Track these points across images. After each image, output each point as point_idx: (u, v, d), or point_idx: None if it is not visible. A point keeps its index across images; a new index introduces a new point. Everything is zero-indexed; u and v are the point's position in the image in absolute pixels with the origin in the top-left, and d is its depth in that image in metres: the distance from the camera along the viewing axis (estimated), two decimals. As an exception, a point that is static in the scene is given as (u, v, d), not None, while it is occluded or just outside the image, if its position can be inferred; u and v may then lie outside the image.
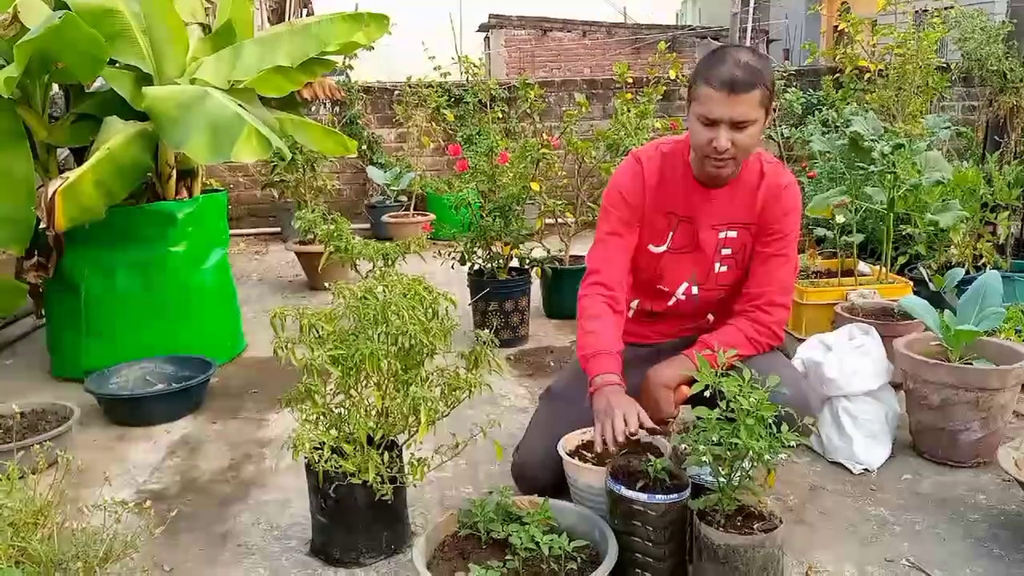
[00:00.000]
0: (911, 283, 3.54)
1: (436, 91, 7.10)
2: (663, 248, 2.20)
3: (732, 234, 2.17)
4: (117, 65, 3.38)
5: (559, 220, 4.47)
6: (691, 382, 2.00)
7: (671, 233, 2.19)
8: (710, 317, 2.31)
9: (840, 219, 3.48)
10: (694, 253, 2.19)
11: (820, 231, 3.84)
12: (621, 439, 1.84)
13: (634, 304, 2.31)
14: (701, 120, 1.97)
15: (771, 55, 14.28)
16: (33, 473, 1.89)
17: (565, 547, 1.71)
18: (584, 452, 2.06)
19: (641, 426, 1.88)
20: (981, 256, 3.84)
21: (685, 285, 2.23)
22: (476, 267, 4.01)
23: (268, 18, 8.30)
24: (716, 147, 1.95)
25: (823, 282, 3.56)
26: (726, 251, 2.19)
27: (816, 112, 5.93)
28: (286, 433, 2.42)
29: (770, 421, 1.70)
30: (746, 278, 2.21)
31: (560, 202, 4.34)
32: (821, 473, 2.49)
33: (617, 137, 4.13)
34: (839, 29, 6.13)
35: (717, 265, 2.20)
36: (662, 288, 2.25)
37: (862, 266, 3.68)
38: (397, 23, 4.23)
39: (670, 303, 2.27)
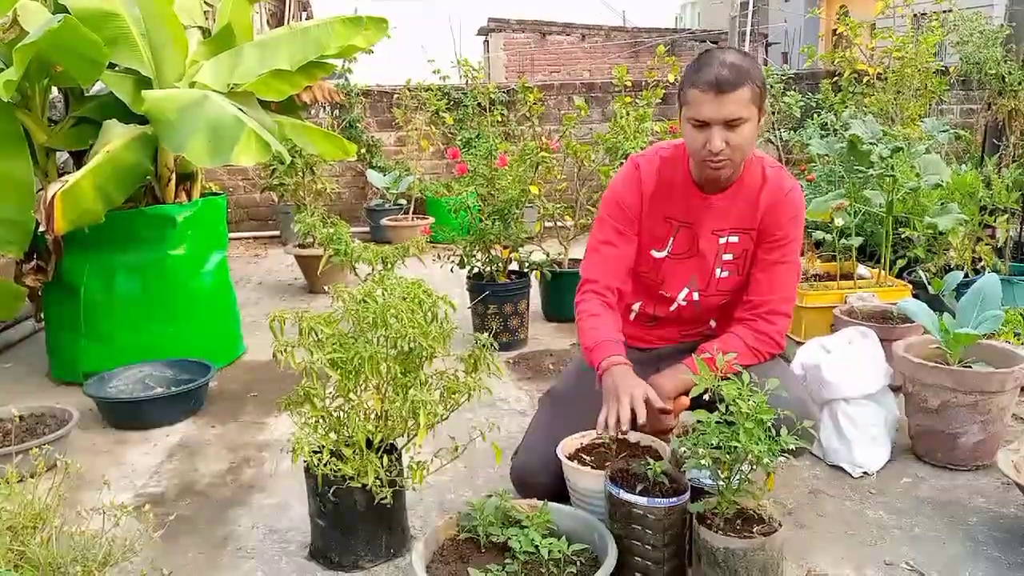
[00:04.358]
0: (910, 286, 3.54)
1: (435, 94, 7.11)
2: (664, 253, 2.20)
3: (734, 239, 2.16)
4: (116, 69, 3.38)
5: (558, 223, 4.48)
6: (690, 392, 2.00)
7: (671, 238, 2.18)
8: (712, 323, 2.31)
9: (839, 222, 3.49)
10: (695, 259, 2.18)
11: (819, 234, 3.84)
12: (625, 427, 1.87)
13: (636, 307, 2.31)
14: (693, 123, 1.96)
15: (770, 58, 14.29)
16: (32, 477, 1.89)
17: (564, 551, 1.71)
18: (583, 456, 2.06)
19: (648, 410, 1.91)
20: (980, 259, 3.84)
21: (686, 291, 2.22)
22: (475, 270, 4.01)
23: (267, 21, 8.31)
24: (711, 149, 1.94)
25: (822, 285, 3.57)
26: (727, 256, 2.17)
27: (815, 115, 5.94)
28: (285, 437, 2.43)
29: (769, 425, 1.70)
30: (748, 283, 2.21)
31: (559, 205, 4.35)
32: (820, 476, 2.49)
33: (616, 140, 4.13)
34: (838, 32, 6.13)
35: (718, 271, 2.19)
36: (664, 293, 2.25)
37: (861, 269, 3.68)
38: (396, 26, 4.24)
39: (672, 308, 2.26)
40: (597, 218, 2.25)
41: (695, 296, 2.23)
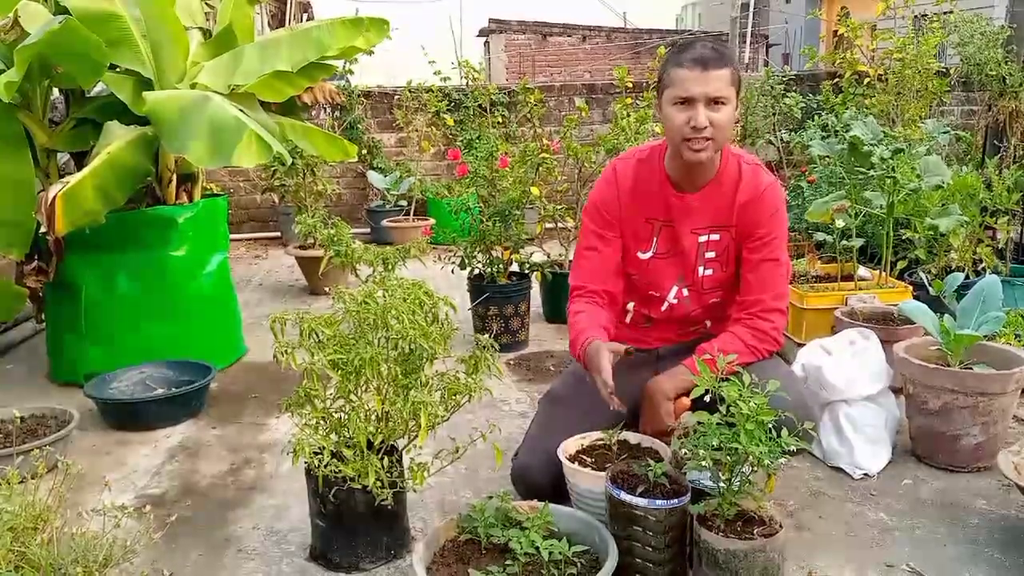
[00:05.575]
0: (911, 288, 3.54)
1: (436, 96, 7.11)
2: (649, 255, 2.23)
3: (714, 237, 2.18)
4: (117, 70, 3.38)
5: (559, 225, 4.48)
6: (690, 392, 2.00)
7: (655, 239, 2.21)
8: (707, 323, 2.31)
9: (840, 224, 3.48)
10: (678, 257, 2.21)
11: (820, 236, 3.84)
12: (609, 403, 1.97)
13: (630, 307, 2.32)
14: (676, 102, 1.99)
15: (770, 59, 14.30)
16: (33, 478, 1.89)
17: (565, 552, 1.71)
18: (584, 457, 2.06)
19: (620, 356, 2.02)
20: (981, 260, 3.84)
21: (675, 289, 2.25)
22: (476, 272, 4.01)
23: (268, 23, 8.31)
24: (696, 125, 1.96)
25: (823, 287, 3.56)
26: (710, 254, 2.20)
27: (815, 117, 5.92)
28: (286, 438, 2.43)
29: (770, 426, 1.70)
30: (737, 282, 2.21)
31: (560, 207, 4.35)
32: (821, 478, 2.49)
33: (617, 142, 4.13)
34: (838, 34, 6.13)
35: (701, 269, 2.21)
36: (654, 294, 2.27)
37: (862, 271, 3.68)
38: (397, 28, 4.24)
39: (663, 308, 2.28)
40: (581, 225, 2.30)
41: (685, 293, 2.25)
